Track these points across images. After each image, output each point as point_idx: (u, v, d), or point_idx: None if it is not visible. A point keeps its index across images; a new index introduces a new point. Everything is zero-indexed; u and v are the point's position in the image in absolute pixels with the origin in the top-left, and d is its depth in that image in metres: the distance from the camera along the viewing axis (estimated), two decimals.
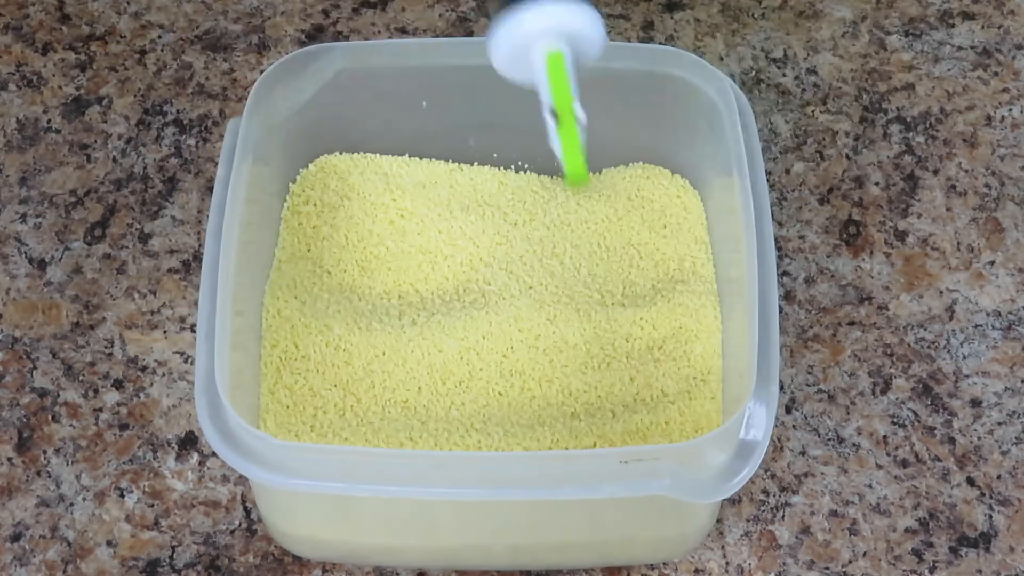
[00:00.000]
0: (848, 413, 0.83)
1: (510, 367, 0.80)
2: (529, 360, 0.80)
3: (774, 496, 0.81)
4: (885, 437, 0.82)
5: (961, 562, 0.79)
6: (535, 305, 0.81)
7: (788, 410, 0.83)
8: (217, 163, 0.79)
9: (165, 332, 0.86)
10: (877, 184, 0.92)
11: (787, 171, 0.93)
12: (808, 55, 0.98)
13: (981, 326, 0.86)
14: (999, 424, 0.83)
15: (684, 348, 0.80)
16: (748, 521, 0.80)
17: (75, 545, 0.79)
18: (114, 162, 0.92)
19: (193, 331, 0.85)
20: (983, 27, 0.99)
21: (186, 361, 0.85)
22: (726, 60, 0.97)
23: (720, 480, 0.69)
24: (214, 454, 0.79)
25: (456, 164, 0.88)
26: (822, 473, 0.81)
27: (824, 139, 0.94)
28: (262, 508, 0.77)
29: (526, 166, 0.88)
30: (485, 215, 0.85)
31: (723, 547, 0.79)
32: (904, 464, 0.82)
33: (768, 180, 0.79)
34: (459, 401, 0.79)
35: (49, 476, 0.81)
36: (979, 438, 0.82)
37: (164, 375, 0.84)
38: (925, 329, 0.86)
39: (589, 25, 0.70)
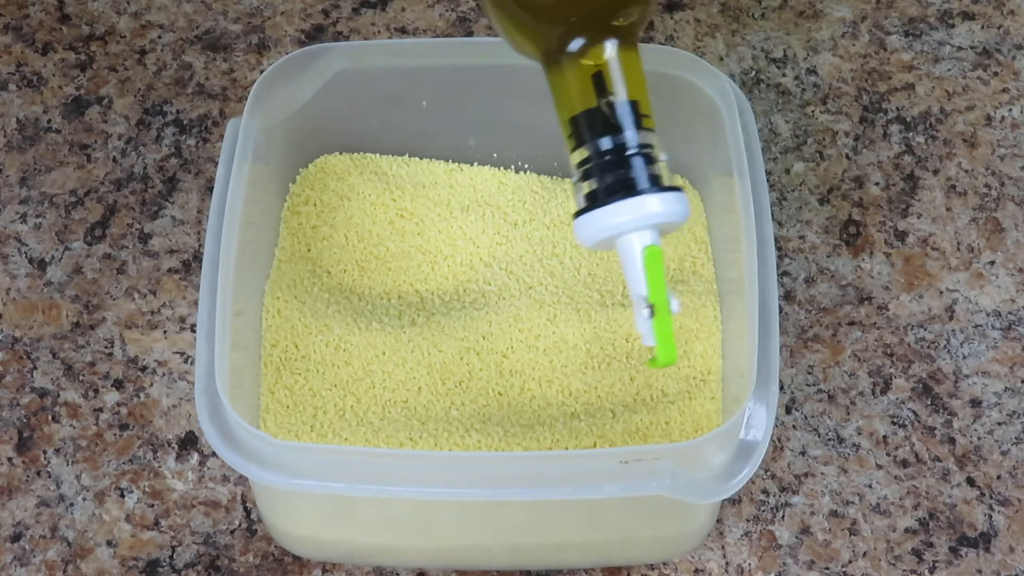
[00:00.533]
0: (848, 413, 0.83)
1: (510, 367, 0.80)
2: (529, 360, 0.80)
3: (774, 496, 0.81)
4: (885, 437, 0.82)
5: (961, 562, 0.79)
6: (535, 305, 0.81)
7: (788, 410, 0.83)
8: (217, 163, 0.79)
9: (165, 332, 0.86)
10: (877, 184, 0.92)
11: (787, 171, 0.93)
12: (808, 55, 0.98)
13: (981, 326, 0.86)
14: (999, 424, 0.83)
15: (684, 348, 0.80)
16: (748, 521, 0.80)
17: (75, 545, 0.79)
18: (114, 162, 0.92)
19: (193, 331, 0.85)
20: (983, 27, 0.99)
21: (186, 361, 0.85)
22: (726, 60, 0.97)
23: (720, 480, 0.69)
24: (214, 454, 0.79)
25: (456, 164, 0.88)
26: (822, 473, 0.81)
27: (824, 139, 0.94)
28: (262, 508, 0.77)
29: (526, 166, 0.88)
30: (485, 215, 0.85)
31: (723, 547, 0.79)
32: (904, 464, 0.82)
33: (768, 180, 0.79)
34: (459, 401, 0.79)
35: (49, 476, 0.81)
36: (979, 438, 0.83)
37: (164, 375, 0.84)
38: (925, 329, 0.86)
39: (680, 212, 0.68)
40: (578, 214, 0.69)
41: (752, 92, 0.96)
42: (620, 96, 0.69)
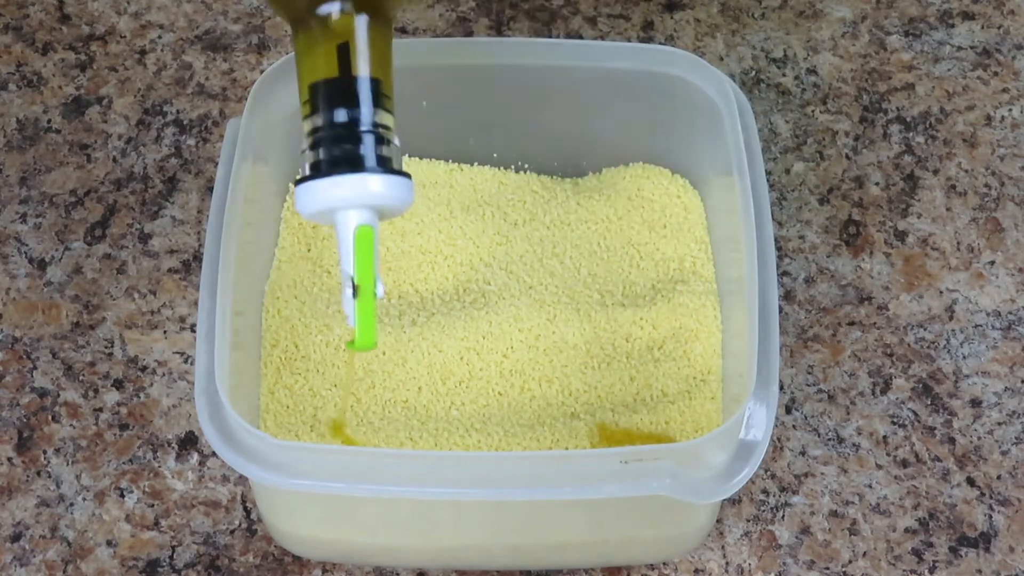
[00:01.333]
0: (848, 413, 0.83)
1: (510, 367, 0.80)
2: (529, 360, 0.80)
3: (774, 496, 0.81)
4: (885, 437, 0.82)
5: (961, 562, 0.79)
6: (535, 305, 0.81)
7: (788, 410, 0.83)
8: (217, 163, 0.79)
9: (165, 332, 0.86)
10: (877, 184, 0.92)
11: (787, 171, 0.93)
12: (808, 55, 0.98)
13: (981, 326, 0.86)
14: (999, 424, 0.83)
15: (684, 348, 0.80)
16: (748, 521, 0.80)
17: (75, 545, 0.79)
18: (114, 162, 0.92)
19: (193, 331, 0.85)
20: (983, 27, 0.99)
21: (186, 361, 0.85)
22: (726, 60, 0.97)
23: (720, 480, 0.69)
24: (214, 454, 0.79)
25: (456, 164, 0.88)
26: (822, 473, 0.81)
27: (824, 139, 0.94)
28: (262, 508, 0.77)
29: (526, 166, 0.88)
30: (485, 215, 0.85)
31: (723, 547, 0.79)
32: (904, 464, 0.82)
33: (768, 180, 0.79)
34: (459, 401, 0.79)
35: (49, 476, 0.81)
36: (979, 438, 0.83)
37: (164, 375, 0.84)
38: (925, 329, 0.86)
39: (401, 196, 0.68)
40: (299, 182, 0.67)
41: (752, 92, 0.96)
42: (362, 71, 0.67)
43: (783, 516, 0.80)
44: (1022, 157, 0.93)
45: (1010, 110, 0.95)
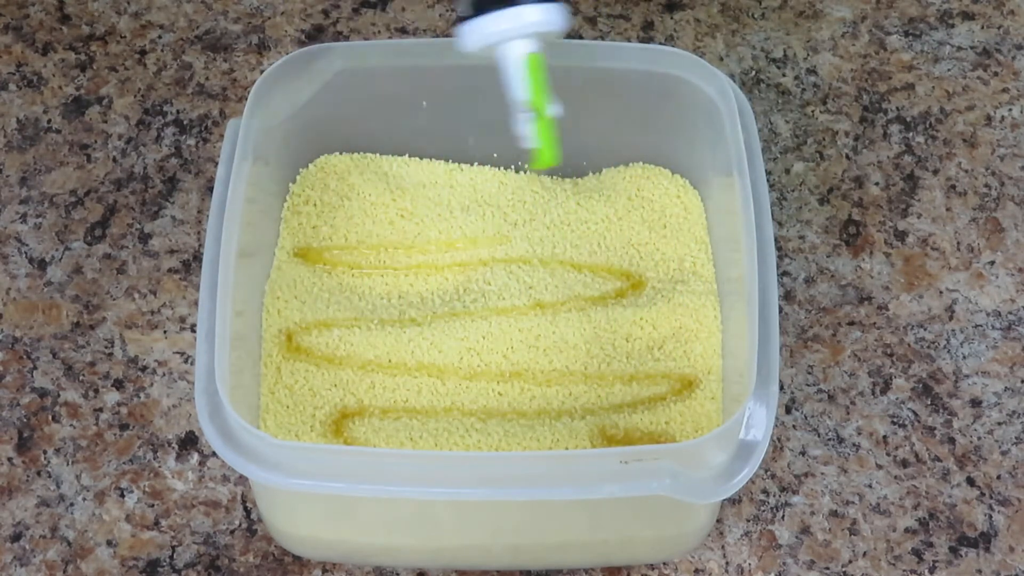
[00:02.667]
0: (848, 413, 0.83)
1: (510, 367, 0.80)
2: (529, 360, 0.80)
3: (774, 496, 0.81)
4: (885, 437, 0.82)
5: (961, 562, 0.79)
6: (535, 305, 0.81)
7: (788, 410, 0.83)
8: (217, 163, 0.79)
9: (165, 332, 0.86)
10: (877, 184, 0.92)
11: (787, 171, 0.93)
12: (808, 55, 0.98)
13: (981, 326, 0.86)
14: (999, 424, 0.83)
15: (684, 348, 0.80)
16: (748, 521, 0.80)
17: (75, 545, 0.79)
18: (114, 162, 0.92)
19: (193, 331, 0.85)
20: (983, 27, 0.99)
21: (186, 361, 0.85)
22: (726, 60, 0.97)
23: (720, 480, 0.69)
24: (214, 454, 0.79)
25: (456, 164, 0.88)
26: (822, 473, 0.81)
27: (824, 139, 0.94)
28: (262, 508, 0.77)
29: (526, 166, 0.88)
30: (485, 215, 0.85)
31: (723, 547, 0.79)
32: (904, 464, 0.82)
33: (768, 180, 0.79)
34: (459, 401, 0.79)
35: (49, 476, 0.81)
36: (979, 438, 0.83)
37: (164, 375, 0.84)
38: (925, 329, 0.86)
39: (557, 21, 0.74)
40: (459, 21, 0.74)
41: (752, 92, 0.96)
42: None
43: (783, 516, 0.80)
44: (1022, 157, 0.93)
45: (1010, 110, 0.95)
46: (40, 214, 0.90)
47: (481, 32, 0.74)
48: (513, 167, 0.88)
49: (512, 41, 0.74)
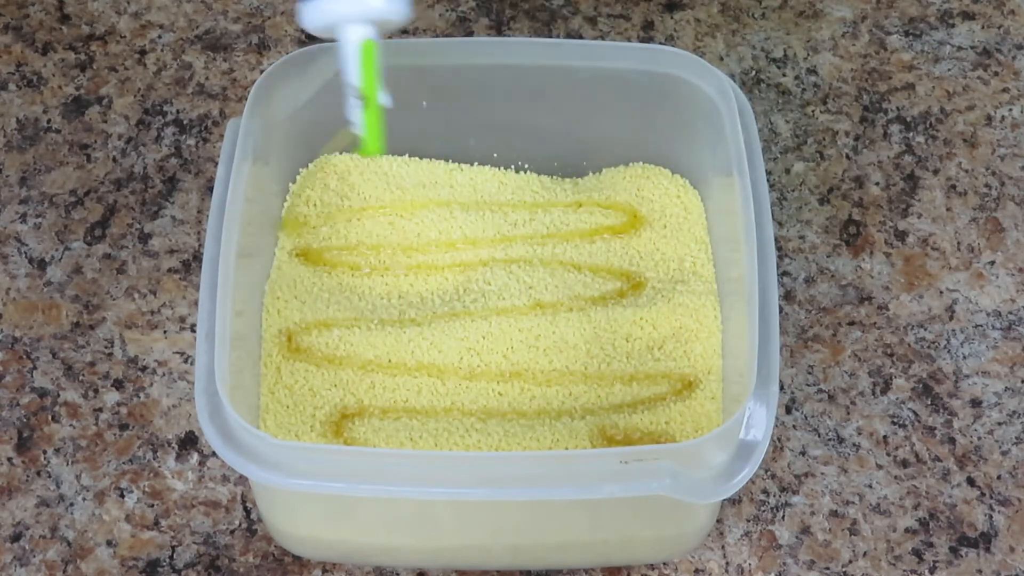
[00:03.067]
0: (848, 413, 0.83)
1: (510, 367, 0.80)
2: (529, 360, 0.80)
3: (774, 496, 0.81)
4: (885, 437, 0.82)
5: (961, 562, 0.79)
6: (535, 305, 0.81)
7: (788, 410, 0.83)
8: (217, 163, 0.79)
9: (165, 332, 0.86)
10: (877, 184, 0.92)
11: (787, 171, 0.93)
12: (808, 55, 0.98)
13: (981, 326, 0.86)
14: (999, 424, 0.83)
15: (684, 348, 0.80)
16: (748, 521, 0.80)
17: (75, 545, 0.79)
18: (114, 162, 0.92)
19: (193, 331, 0.85)
20: (983, 27, 0.99)
21: (186, 361, 0.85)
22: (726, 60, 0.97)
23: (720, 480, 0.69)
24: (214, 454, 0.79)
25: (456, 164, 0.88)
26: (822, 473, 0.81)
27: (824, 139, 0.94)
28: (262, 508, 0.77)
29: (526, 166, 0.88)
30: (485, 215, 0.85)
31: (723, 547, 0.79)
32: (904, 464, 0.82)
33: (768, 180, 0.79)
34: (459, 401, 0.79)
35: (49, 476, 0.81)
36: (979, 438, 0.82)
37: (164, 375, 0.84)
38: (925, 329, 0.86)
39: (399, 10, 0.73)
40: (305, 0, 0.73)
41: (752, 92, 0.96)
42: None
43: (783, 516, 0.80)
44: (1022, 157, 0.93)
45: (1010, 110, 0.95)
46: (40, 214, 0.90)
47: (321, 11, 0.73)
48: (513, 167, 0.88)
49: (351, 24, 0.73)
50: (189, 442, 0.82)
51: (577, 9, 1.00)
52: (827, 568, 0.78)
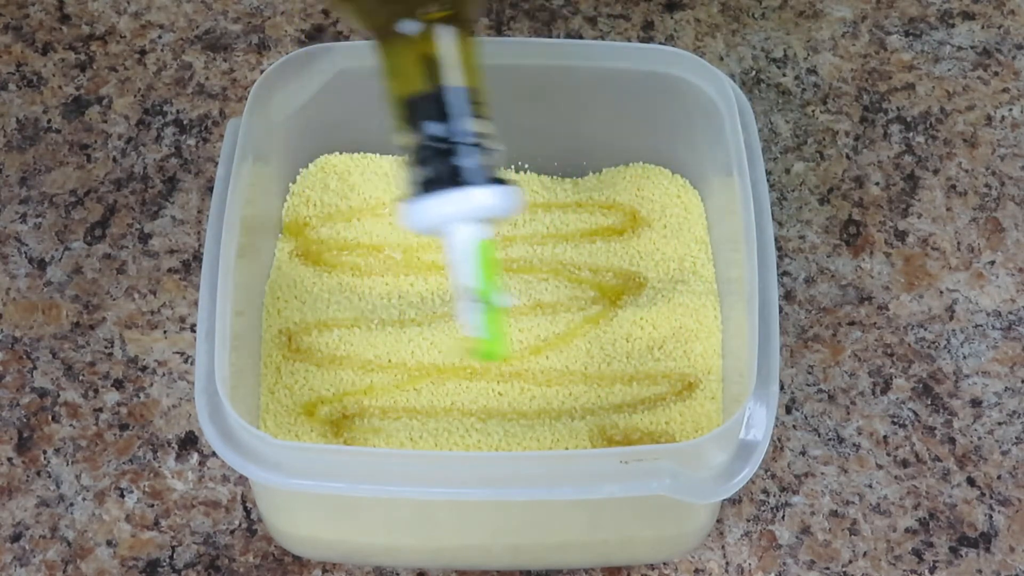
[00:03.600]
0: (848, 413, 0.83)
1: (510, 367, 0.80)
2: (529, 360, 0.80)
3: (774, 496, 0.80)
4: (885, 437, 0.82)
5: (961, 562, 0.79)
6: (535, 305, 0.81)
7: (788, 410, 0.83)
8: (217, 163, 0.79)
9: (165, 332, 0.86)
10: (877, 184, 0.92)
11: (787, 171, 0.93)
12: (808, 55, 0.98)
13: (981, 326, 0.86)
14: (999, 424, 0.83)
15: (684, 348, 0.80)
16: (748, 521, 0.80)
17: (75, 545, 0.79)
18: (114, 162, 0.92)
19: (193, 331, 0.85)
20: (983, 27, 0.99)
21: (186, 361, 0.85)
22: (726, 60, 0.97)
23: (720, 480, 0.69)
24: (214, 454, 0.79)
25: None
26: (822, 473, 0.81)
27: (824, 139, 0.94)
28: (262, 508, 0.77)
29: (526, 166, 0.88)
30: None
31: (723, 547, 0.79)
32: (904, 464, 0.82)
33: (768, 180, 0.79)
34: (459, 401, 0.79)
35: (49, 476, 0.81)
36: (979, 438, 0.82)
37: (164, 375, 0.84)
38: (925, 329, 0.86)
39: (510, 207, 0.68)
40: (407, 200, 0.68)
41: (752, 92, 0.96)
42: (455, 82, 0.67)
43: (783, 516, 0.80)
44: (1022, 157, 0.93)
45: (1010, 110, 0.95)
46: (40, 214, 0.90)
47: (427, 214, 0.67)
48: (513, 167, 0.88)
49: (460, 224, 0.67)
50: (189, 442, 0.82)
51: (577, 9, 1.00)
52: (827, 568, 0.78)
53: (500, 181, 0.68)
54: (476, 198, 0.67)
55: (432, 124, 0.67)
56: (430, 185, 0.67)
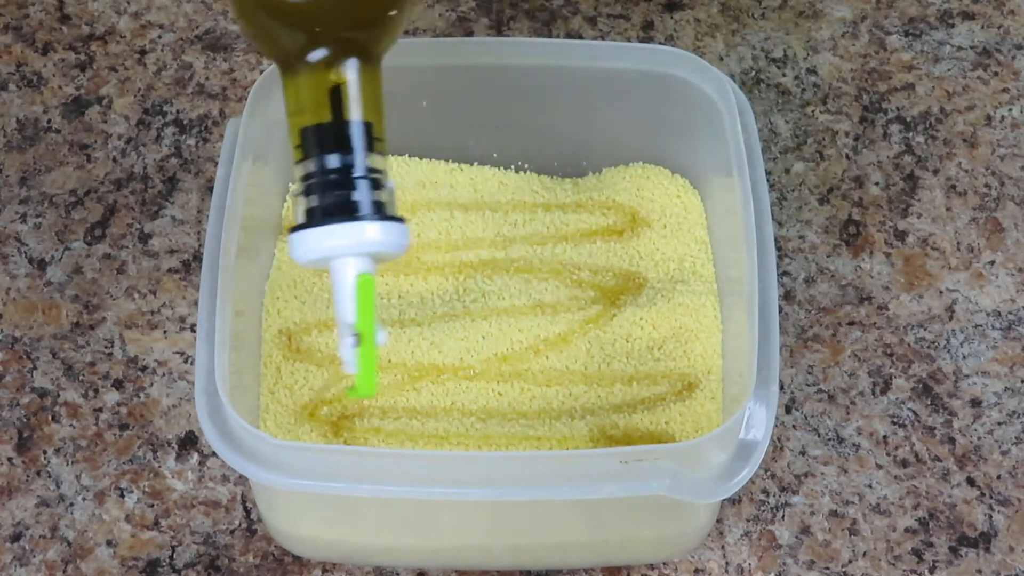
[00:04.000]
0: (848, 413, 0.83)
1: (510, 367, 0.80)
2: (529, 360, 0.80)
3: (774, 496, 0.81)
4: (885, 437, 0.82)
5: (961, 562, 0.79)
6: (535, 305, 0.81)
7: (788, 410, 0.83)
8: (217, 163, 0.79)
9: (165, 332, 0.86)
10: (877, 184, 0.92)
11: (787, 171, 0.93)
12: (808, 55, 0.98)
13: (981, 326, 0.86)
14: (999, 424, 0.83)
15: (684, 348, 0.80)
16: (748, 521, 0.80)
17: (75, 545, 0.79)
18: (114, 162, 0.92)
19: (193, 331, 0.85)
20: (983, 27, 0.99)
21: (186, 361, 0.85)
22: (726, 60, 0.97)
23: (720, 480, 0.69)
24: (214, 454, 0.79)
25: (456, 164, 0.88)
26: (822, 473, 0.81)
27: (824, 139, 0.94)
28: (262, 508, 0.77)
29: (526, 166, 0.88)
30: (485, 215, 0.85)
31: (723, 547, 0.79)
32: (904, 464, 0.82)
33: (768, 180, 0.79)
34: (459, 401, 0.79)
35: (49, 476, 0.81)
36: (979, 438, 0.83)
37: (164, 375, 0.84)
38: (925, 329, 0.86)
39: (398, 243, 0.67)
40: (294, 229, 0.67)
41: (752, 92, 0.96)
42: (354, 116, 0.67)
43: (783, 516, 0.80)
44: (1022, 157, 0.93)
45: (1010, 110, 0.95)
46: (40, 214, 0.90)
47: (314, 244, 0.66)
48: (513, 167, 0.88)
49: (344, 258, 0.66)
50: (189, 442, 0.82)
51: (577, 9, 1.00)
52: (827, 568, 0.78)
53: (393, 218, 0.67)
54: (366, 231, 0.66)
55: (329, 156, 0.67)
56: (321, 215, 0.66)
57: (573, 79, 0.84)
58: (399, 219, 0.67)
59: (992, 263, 0.89)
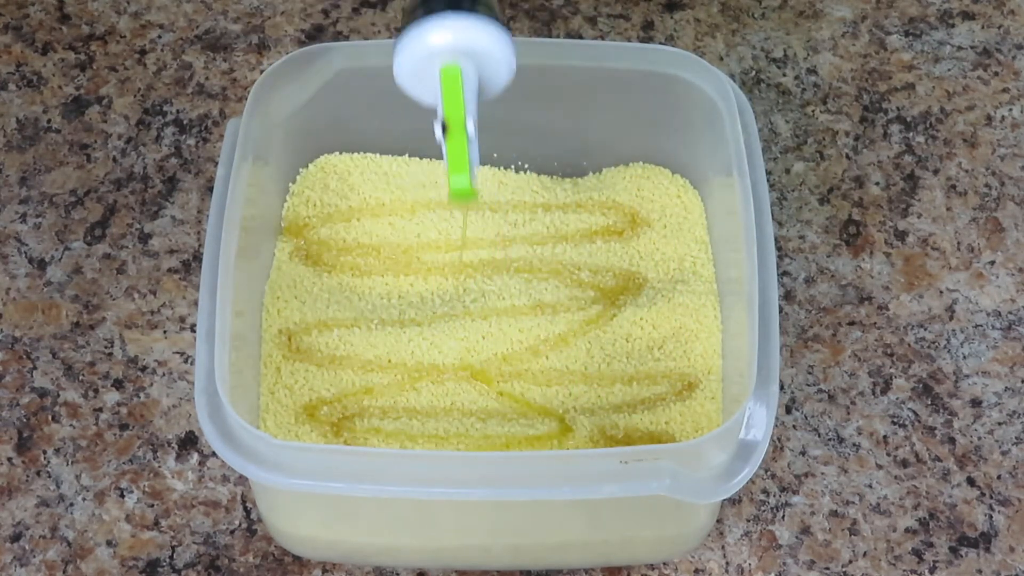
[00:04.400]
0: (848, 413, 0.83)
1: (510, 367, 0.80)
2: (529, 360, 0.80)
3: (774, 496, 0.81)
4: (885, 437, 0.82)
5: (961, 562, 0.79)
6: (535, 305, 0.81)
7: (788, 410, 0.83)
8: (217, 163, 0.79)
9: (165, 332, 0.86)
10: (877, 184, 0.92)
11: (787, 171, 0.93)
12: (808, 55, 0.98)
13: (981, 326, 0.86)
14: (999, 424, 0.83)
15: (684, 348, 0.80)
16: (748, 521, 0.80)
17: (75, 545, 0.79)
18: (114, 162, 0.92)
19: (193, 331, 0.85)
20: (983, 27, 0.99)
21: (186, 361, 0.85)
22: (726, 60, 0.97)
23: (720, 480, 0.69)
24: (214, 454, 0.79)
25: None
26: (822, 473, 0.81)
27: (824, 139, 0.94)
28: (262, 508, 0.77)
29: (526, 166, 0.88)
30: (485, 215, 0.85)
31: (723, 547, 0.79)
32: (904, 464, 0.82)
33: (768, 180, 0.79)
34: (459, 401, 0.79)
35: (49, 476, 0.81)
36: (979, 438, 0.82)
37: (164, 375, 0.84)
38: (925, 329, 0.86)
39: (495, 44, 0.68)
40: (402, 30, 0.69)
41: (752, 92, 0.96)
42: None
43: (783, 516, 0.80)
44: (1022, 157, 0.93)
45: (1010, 110, 0.95)
46: (40, 214, 0.90)
47: (412, 52, 0.69)
48: (513, 167, 0.88)
49: (439, 58, 0.69)
50: (189, 442, 0.82)
51: (577, 9, 1.00)
52: (827, 568, 0.78)
53: (487, 15, 0.68)
54: (454, 25, 0.68)
55: None
56: (428, 5, 0.68)
57: (573, 79, 0.84)
58: (497, 20, 0.68)
59: (992, 263, 0.89)
